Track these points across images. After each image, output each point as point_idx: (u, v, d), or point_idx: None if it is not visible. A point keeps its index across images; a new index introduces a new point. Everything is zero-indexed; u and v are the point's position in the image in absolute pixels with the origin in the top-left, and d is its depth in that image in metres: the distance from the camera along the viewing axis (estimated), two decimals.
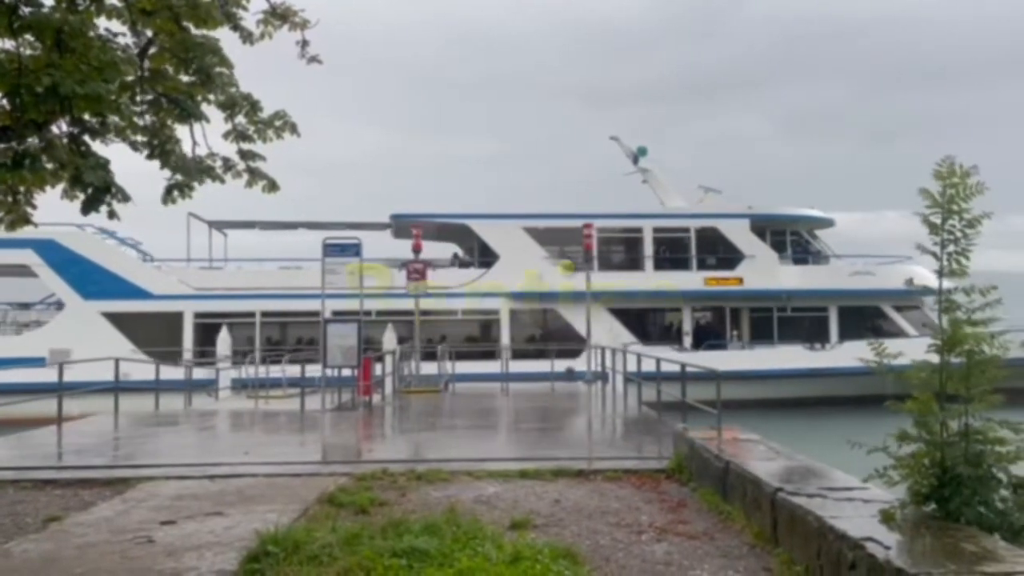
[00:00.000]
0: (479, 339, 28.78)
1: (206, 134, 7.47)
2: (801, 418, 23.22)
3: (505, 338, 27.85)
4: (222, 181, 7.63)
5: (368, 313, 25.14)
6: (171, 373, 17.86)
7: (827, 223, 32.07)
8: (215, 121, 7.55)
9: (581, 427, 13.83)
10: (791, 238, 31.10)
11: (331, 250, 16.68)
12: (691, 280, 28.88)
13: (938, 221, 4.75)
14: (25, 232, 28.00)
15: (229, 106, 7.32)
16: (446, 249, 34.13)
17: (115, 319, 26.15)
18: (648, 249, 29.70)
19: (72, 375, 14.25)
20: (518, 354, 26.04)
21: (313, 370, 16.07)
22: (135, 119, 6.84)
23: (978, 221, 4.71)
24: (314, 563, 5.43)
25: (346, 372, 16.22)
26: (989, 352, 4.71)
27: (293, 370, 17.89)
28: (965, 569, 3.88)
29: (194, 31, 6.57)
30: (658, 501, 7.74)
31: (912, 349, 5.08)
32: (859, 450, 5.17)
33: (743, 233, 29.71)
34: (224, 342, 21.90)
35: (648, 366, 14.38)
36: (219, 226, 30.91)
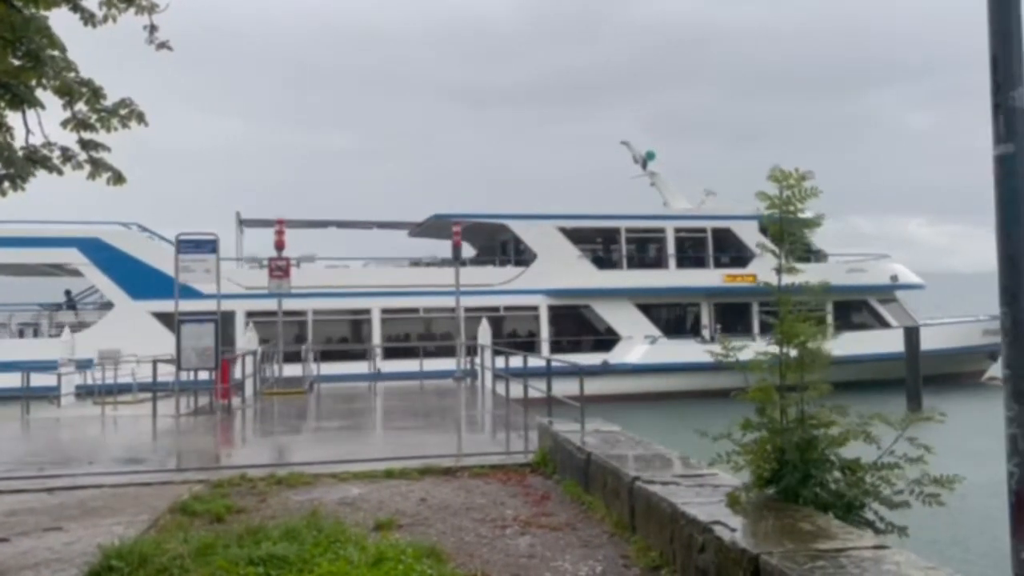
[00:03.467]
0: (521, 335, 29.83)
1: (42, 122, 6.93)
2: (663, 409, 24.21)
3: (544, 333, 29.22)
4: (60, 172, 7.09)
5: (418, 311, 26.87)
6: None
7: (817, 224, 33.99)
8: (53, 108, 7.01)
9: (450, 424, 13.83)
10: (788, 237, 32.98)
11: (185, 246, 15.89)
12: (710, 277, 30.51)
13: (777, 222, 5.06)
14: (69, 230, 26.17)
15: (67, 92, 6.81)
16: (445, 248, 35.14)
17: (166, 319, 24.62)
18: (671, 248, 31.29)
19: None
20: (555, 348, 28.04)
21: (167, 373, 15.27)
22: None
23: (813, 223, 5.05)
24: None
25: (203, 375, 15.51)
26: (820, 344, 5.06)
27: (144, 373, 16.94)
28: (802, 547, 4.14)
29: (25, 11, 6.07)
30: (523, 495, 7.85)
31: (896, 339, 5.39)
32: (717, 438, 5.42)
33: (753, 233, 31.44)
34: (66, 345, 20.41)
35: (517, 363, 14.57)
36: (249, 224, 30.55)
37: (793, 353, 5.08)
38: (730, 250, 31.86)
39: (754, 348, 5.26)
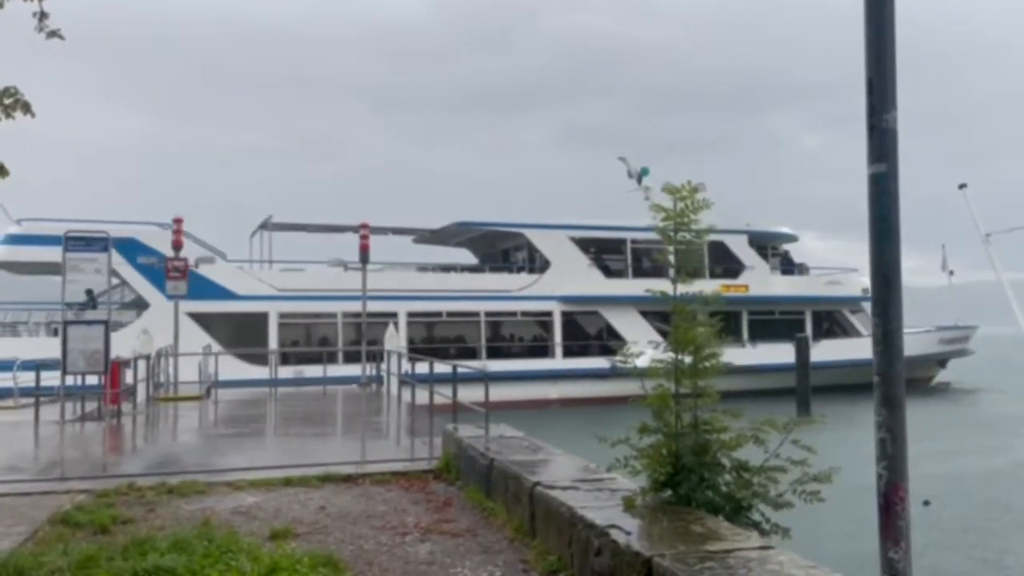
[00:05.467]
0: (536, 339, 31.63)
1: None
2: (570, 415, 24.54)
3: (558, 338, 31.03)
4: None
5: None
6: None
7: (794, 238, 37.60)
8: None
9: (353, 431, 13.62)
10: (771, 251, 35.92)
11: (74, 245, 15.12)
12: (705, 287, 31.94)
13: (672, 233, 5.23)
14: (106, 231, 25.42)
15: None
16: (451, 254, 36.78)
17: (201, 320, 25.27)
18: (672, 258, 32.55)
19: None
20: (568, 352, 30.32)
21: (51, 377, 14.47)
22: None
23: (706, 233, 5.25)
24: None
25: (92, 380, 14.77)
26: (712, 350, 5.24)
27: (26, 377, 16.06)
28: (692, 549, 4.27)
29: None
30: (425, 501, 7.80)
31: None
32: (615, 443, 5.52)
33: (743, 246, 34.07)
34: None
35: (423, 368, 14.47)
36: (276, 228, 30.89)
37: (688, 360, 5.23)
38: (723, 262, 33.86)
39: (743, 354, 5.45)
